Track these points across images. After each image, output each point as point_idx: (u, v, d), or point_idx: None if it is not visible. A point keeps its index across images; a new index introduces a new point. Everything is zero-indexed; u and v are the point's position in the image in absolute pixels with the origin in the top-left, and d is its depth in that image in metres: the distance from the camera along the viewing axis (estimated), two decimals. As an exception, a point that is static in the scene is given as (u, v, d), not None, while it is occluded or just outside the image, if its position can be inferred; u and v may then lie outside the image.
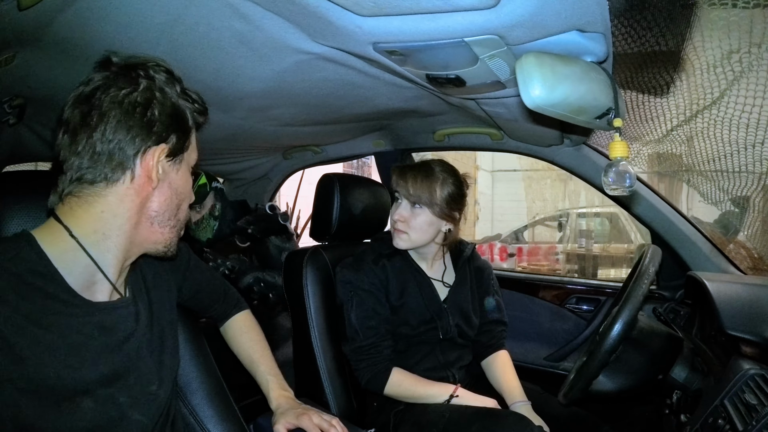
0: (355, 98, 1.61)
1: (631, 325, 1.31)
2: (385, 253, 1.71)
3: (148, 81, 0.91)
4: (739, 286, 1.53)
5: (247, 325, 1.46)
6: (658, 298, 2.06)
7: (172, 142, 0.94)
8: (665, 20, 1.09)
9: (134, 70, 0.91)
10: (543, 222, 9.13)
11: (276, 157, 2.71)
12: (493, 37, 0.94)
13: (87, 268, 0.90)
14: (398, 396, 1.60)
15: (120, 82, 0.89)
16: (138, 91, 0.89)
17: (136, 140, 0.89)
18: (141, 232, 0.95)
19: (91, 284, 0.92)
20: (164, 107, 0.92)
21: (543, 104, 0.93)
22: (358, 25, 0.97)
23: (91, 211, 0.89)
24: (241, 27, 1.12)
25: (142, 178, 0.91)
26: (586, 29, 0.95)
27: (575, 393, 1.39)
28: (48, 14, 1.03)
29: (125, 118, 0.88)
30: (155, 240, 0.98)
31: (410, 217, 1.64)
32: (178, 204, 1.00)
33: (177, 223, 1.01)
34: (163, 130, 0.92)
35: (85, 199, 0.89)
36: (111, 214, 0.90)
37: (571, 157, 1.98)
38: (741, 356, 1.24)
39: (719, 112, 1.34)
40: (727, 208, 1.87)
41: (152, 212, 0.95)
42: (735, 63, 1.18)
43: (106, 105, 0.87)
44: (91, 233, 0.89)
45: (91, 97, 0.88)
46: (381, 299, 1.65)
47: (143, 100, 0.89)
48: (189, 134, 0.99)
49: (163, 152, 0.93)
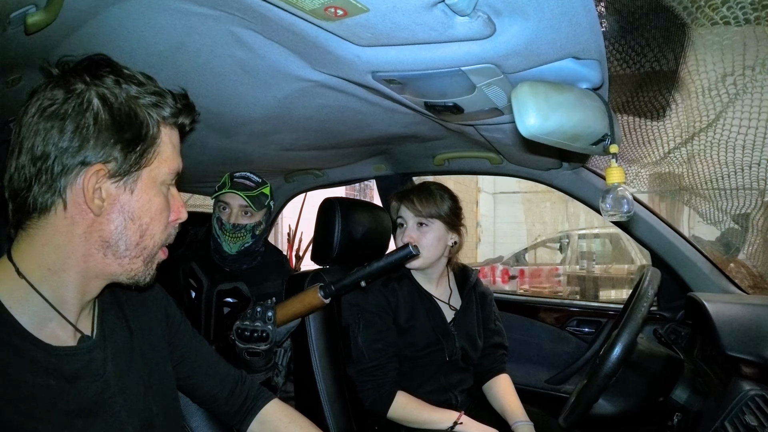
0: (355, 124, 1.63)
1: (631, 348, 1.31)
2: (394, 276, 1.74)
3: (83, 86, 0.76)
4: (738, 306, 1.54)
5: (288, 415, 1.21)
6: (659, 319, 2.07)
7: (115, 159, 0.77)
8: (659, 45, 1.11)
9: (75, 74, 0.77)
10: (545, 244, 9.12)
11: (278, 180, 2.72)
12: (490, 66, 0.96)
13: (39, 306, 0.78)
14: (401, 419, 1.61)
15: (51, 91, 0.76)
16: (68, 100, 0.75)
17: (64, 159, 0.74)
18: (94, 264, 0.81)
19: (47, 323, 0.80)
20: (100, 116, 0.76)
21: (538, 133, 0.95)
22: (357, 55, 0.99)
23: (33, 245, 0.78)
24: (243, 55, 1.14)
25: (79, 206, 0.77)
26: (581, 56, 0.97)
27: (575, 417, 1.39)
28: (54, 39, 1.04)
29: (51, 133, 0.74)
30: (112, 272, 0.83)
31: (420, 237, 1.69)
32: (140, 231, 0.83)
33: (142, 252, 0.84)
34: (100, 145, 0.76)
35: (27, 231, 0.78)
36: (52, 247, 0.78)
37: (570, 181, 2.00)
38: (741, 377, 1.24)
39: (715, 134, 1.36)
40: (727, 227, 1.88)
41: (102, 242, 0.80)
42: (729, 86, 1.20)
43: (32, 120, 0.75)
44: (37, 269, 0.78)
45: (24, 114, 0.76)
46: (388, 322, 1.68)
47: (73, 110, 0.75)
48: (149, 145, 0.81)
49: (103, 173, 0.77)
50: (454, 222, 1.74)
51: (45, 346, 0.78)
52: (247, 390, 1.20)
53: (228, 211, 1.96)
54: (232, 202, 1.95)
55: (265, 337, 1.46)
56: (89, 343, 0.85)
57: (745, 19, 0.97)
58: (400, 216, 1.74)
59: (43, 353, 0.78)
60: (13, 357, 0.75)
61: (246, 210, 1.96)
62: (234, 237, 1.96)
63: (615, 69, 1.20)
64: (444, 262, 1.80)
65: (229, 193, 1.95)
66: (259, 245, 2.07)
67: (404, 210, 1.72)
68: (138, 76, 0.83)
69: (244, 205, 1.95)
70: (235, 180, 1.98)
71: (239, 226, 1.95)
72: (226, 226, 1.95)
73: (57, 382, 0.78)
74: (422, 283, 1.78)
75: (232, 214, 1.96)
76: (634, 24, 1.08)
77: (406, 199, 1.72)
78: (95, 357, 0.85)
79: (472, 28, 0.82)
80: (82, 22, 1.00)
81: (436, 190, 1.73)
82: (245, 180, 1.99)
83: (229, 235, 1.96)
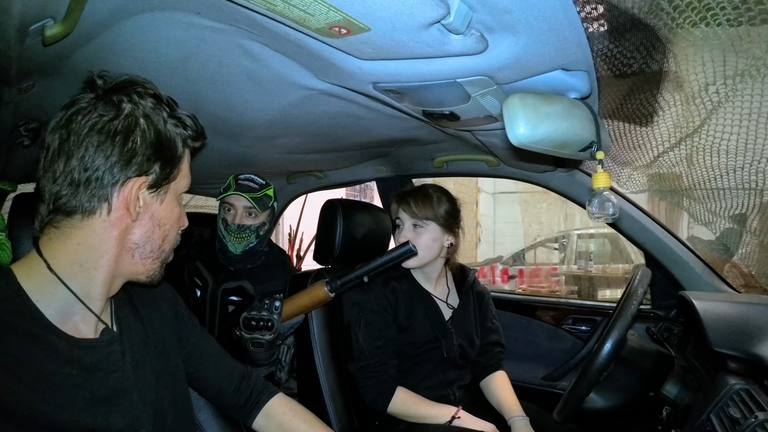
0: (356, 129, 1.67)
1: (620, 345, 1.35)
2: (394, 276, 1.78)
3: (131, 106, 0.85)
4: (726, 304, 1.57)
5: (292, 408, 1.26)
6: (652, 317, 2.10)
7: (155, 172, 0.87)
8: (643, 57, 1.15)
9: (118, 93, 0.85)
10: (544, 243, 9.11)
11: (280, 181, 2.75)
12: (484, 77, 1.02)
13: (66, 300, 0.84)
14: (401, 415, 1.64)
15: (101, 107, 0.83)
16: (119, 117, 0.83)
17: (114, 170, 0.83)
18: (122, 264, 0.89)
19: (71, 317, 0.86)
20: (147, 135, 0.85)
21: (527, 141, 1.01)
22: (359, 67, 1.03)
23: (67, 243, 0.84)
24: (250, 65, 1.18)
25: (120, 211, 0.85)
26: (570, 68, 1.02)
27: (568, 411, 1.43)
28: (69, 49, 1.07)
29: (104, 146, 0.82)
30: (136, 271, 0.92)
31: (415, 237, 1.73)
32: (163, 236, 0.93)
33: (161, 254, 0.95)
34: (145, 160, 0.85)
35: (62, 230, 0.84)
36: (87, 246, 0.85)
37: (565, 182, 2.03)
38: (728, 372, 1.27)
39: (701, 139, 1.39)
40: (717, 228, 1.91)
41: (132, 244, 0.89)
42: (713, 94, 1.23)
43: (84, 131, 0.81)
44: (68, 265, 0.84)
45: (70, 122, 0.82)
46: (388, 320, 1.71)
47: (124, 128, 0.83)
48: (177, 163, 0.92)
49: (144, 184, 0.87)
50: (450, 224, 1.78)
51: (68, 338, 0.84)
52: (252, 385, 1.25)
53: (233, 213, 2.00)
54: (237, 203, 1.99)
55: (270, 327, 1.49)
56: (110, 335, 0.92)
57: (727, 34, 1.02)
58: (398, 217, 1.79)
59: (66, 344, 0.83)
60: (39, 348, 0.80)
61: (250, 211, 2.00)
62: (239, 237, 2.00)
63: (605, 79, 1.24)
64: (441, 263, 1.84)
65: (233, 195, 1.98)
66: (263, 245, 2.11)
67: (401, 212, 1.77)
68: (168, 99, 0.91)
69: (248, 206, 1.98)
70: (240, 182, 2.01)
71: (244, 227, 1.99)
72: (231, 226, 1.99)
73: (79, 372, 0.84)
74: (422, 282, 1.82)
75: (236, 215, 1.99)
76: (621, 34, 1.12)
77: (403, 201, 1.77)
78: (114, 349, 0.92)
79: (466, 44, 0.87)
80: (97, 33, 1.04)
81: (434, 193, 1.78)
82: (249, 182, 2.02)
83: (234, 236, 1.99)
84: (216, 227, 2.08)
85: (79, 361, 0.85)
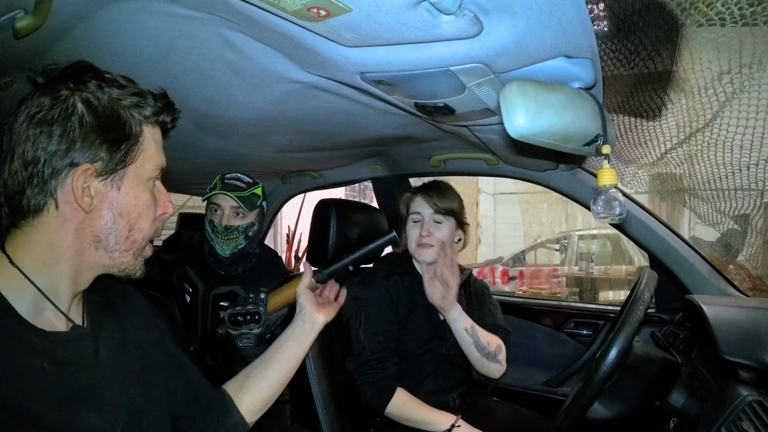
0: (349, 125, 1.64)
1: (626, 352, 1.30)
2: (396, 271, 1.77)
3: (68, 92, 0.80)
4: (736, 309, 1.52)
5: None
6: (657, 321, 2.05)
7: (101, 159, 0.81)
8: (653, 43, 1.09)
9: (60, 81, 0.81)
10: (544, 244, 9.09)
11: (274, 181, 2.73)
12: (479, 65, 0.95)
13: (34, 296, 0.82)
14: (399, 417, 1.61)
15: (38, 98, 0.80)
16: (55, 106, 0.79)
17: (53, 162, 0.79)
18: (87, 258, 0.86)
19: (42, 312, 0.84)
20: (85, 119, 0.80)
21: (527, 133, 0.94)
22: (344, 56, 0.99)
23: (27, 242, 0.82)
24: (233, 57, 1.14)
25: (70, 204, 0.81)
26: (573, 55, 0.96)
27: (570, 421, 1.38)
28: (44, 43, 1.05)
29: (40, 138, 0.78)
30: (104, 264, 0.88)
31: (436, 230, 1.72)
32: (129, 226, 0.87)
33: (131, 245, 0.89)
34: (87, 146, 0.80)
35: (22, 230, 0.82)
36: (46, 244, 0.82)
37: (567, 182, 2.00)
38: (739, 382, 1.22)
39: (712, 134, 1.34)
40: (726, 228, 1.87)
41: (92, 237, 0.85)
42: (726, 84, 1.18)
43: (23, 127, 0.79)
44: (32, 262, 0.82)
45: (14, 122, 0.80)
46: (389, 315, 1.70)
47: (59, 116, 0.79)
48: (132, 144, 0.85)
49: (92, 172, 0.81)
50: (461, 220, 1.79)
51: (39, 332, 0.81)
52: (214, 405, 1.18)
53: (219, 213, 1.95)
54: (224, 203, 1.94)
55: (257, 320, 1.45)
56: (81, 331, 0.89)
57: (741, 14, 0.96)
58: (417, 211, 1.75)
59: (37, 338, 0.81)
60: (11, 340, 0.78)
61: (237, 211, 1.95)
62: (226, 239, 1.95)
63: (609, 69, 1.18)
64: None
65: (219, 195, 1.94)
66: (252, 247, 2.06)
67: (422, 204, 1.74)
68: (119, 79, 0.86)
69: (235, 206, 1.93)
70: (226, 181, 1.97)
71: (231, 228, 1.94)
72: (218, 228, 1.94)
73: (50, 367, 0.81)
74: None
75: (223, 215, 1.95)
76: (627, 23, 1.06)
77: (425, 193, 1.75)
78: (86, 345, 0.89)
79: (459, 26, 0.81)
80: (72, 26, 1.02)
81: (448, 188, 1.79)
82: (236, 181, 1.98)
83: (222, 237, 1.94)
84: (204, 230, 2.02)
85: (50, 354, 0.82)
